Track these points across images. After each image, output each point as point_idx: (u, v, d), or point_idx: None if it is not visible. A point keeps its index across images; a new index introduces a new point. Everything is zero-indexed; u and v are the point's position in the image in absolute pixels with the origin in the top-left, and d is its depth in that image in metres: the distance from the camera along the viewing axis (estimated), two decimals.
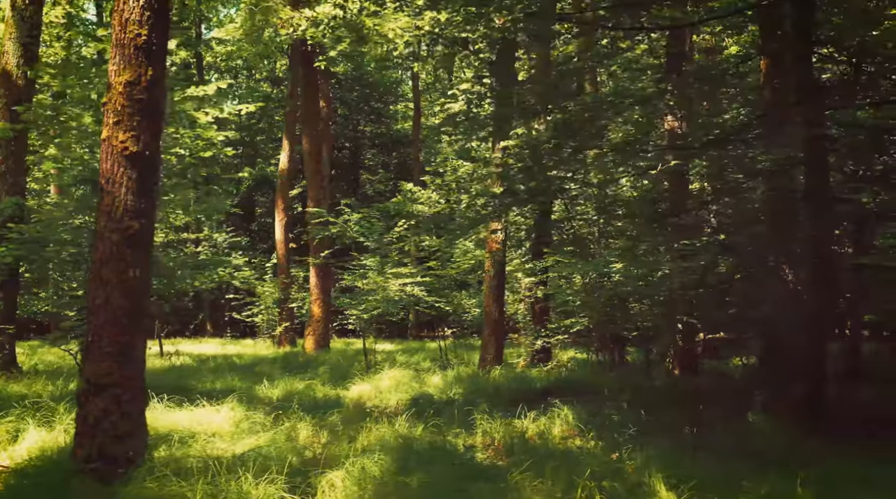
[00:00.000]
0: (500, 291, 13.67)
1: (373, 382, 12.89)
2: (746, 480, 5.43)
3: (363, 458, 6.07)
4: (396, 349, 22.57)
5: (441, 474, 5.77)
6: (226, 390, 11.41)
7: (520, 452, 7.46)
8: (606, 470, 5.87)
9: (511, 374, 13.24)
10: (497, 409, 9.58)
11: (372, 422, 8.21)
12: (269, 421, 8.14)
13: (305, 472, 6.10)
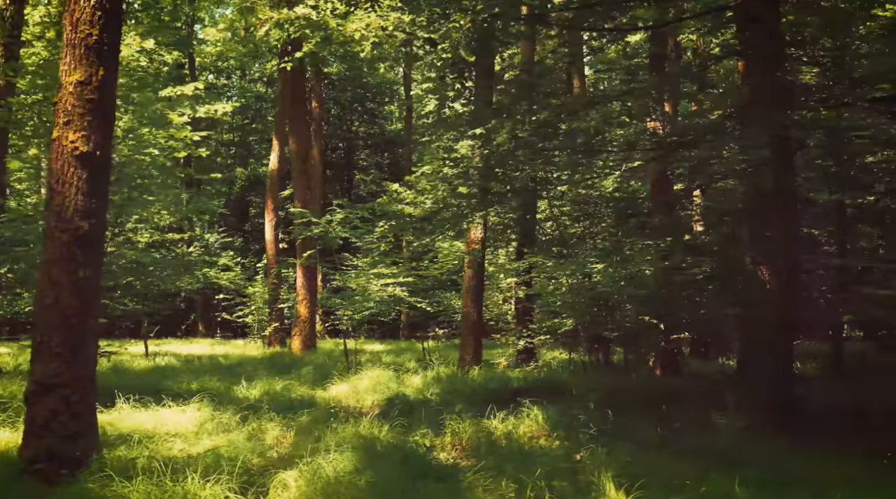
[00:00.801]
0: (478, 291, 13.68)
1: (352, 382, 12.89)
2: (690, 479, 5.44)
3: (318, 458, 6.08)
4: (385, 350, 22.60)
5: (394, 474, 5.78)
6: (202, 390, 11.40)
7: (485, 452, 7.48)
8: (560, 470, 5.87)
9: (490, 374, 13.26)
10: (471, 409, 9.62)
11: (338, 422, 8.21)
12: (236, 421, 8.16)
13: (261, 472, 6.12)
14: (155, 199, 15.34)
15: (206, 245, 31.72)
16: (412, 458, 6.75)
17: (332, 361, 17.83)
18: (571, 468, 5.98)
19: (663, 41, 15.37)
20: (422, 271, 15.45)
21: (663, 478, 5.62)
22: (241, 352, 21.70)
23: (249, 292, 26.15)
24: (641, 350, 13.94)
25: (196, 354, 20.28)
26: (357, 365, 15.47)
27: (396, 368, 14.14)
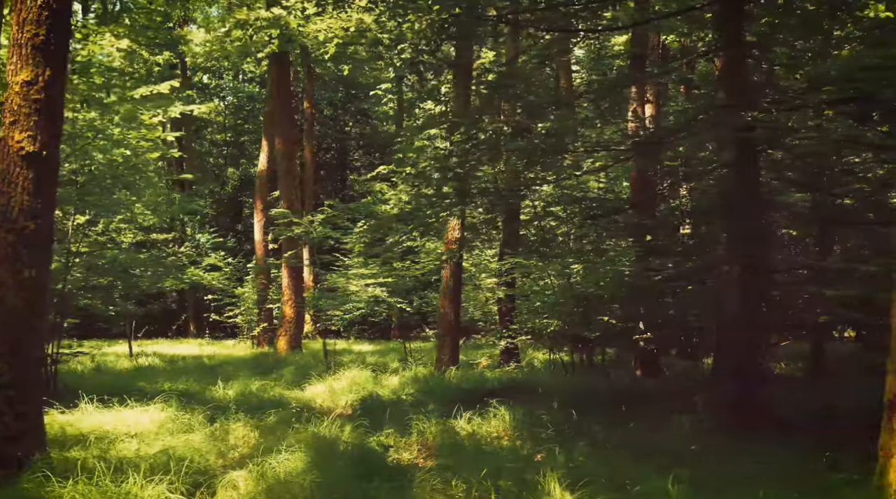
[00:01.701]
0: (456, 291, 13.68)
1: (329, 383, 12.90)
2: (632, 478, 5.46)
3: (269, 458, 6.09)
4: (373, 350, 22.62)
5: (343, 474, 5.79)
6: (176, 391, 11.43)
7: (447, 452, 7.49)
8: (509, 470, 5.88)
9: (466, 375, 13.27)
10: (443, 409, 9.62)
11: (302, 423, 8.21)
12: (201, 422, 8.16)
13: (214, 472, 6.13)
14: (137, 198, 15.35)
15: (198, 245, 31.75)
16: (369, 458, 6.76)
17: (315, 361, 17.83)
18: (520, 468, 5.98)
19: (644, 42, 15.38)
20: (402, 272, 15.44)
21: (608, 478, 5.63)
22: (229, 352, 21.73)
23: (238, 293, 26.17)
24: (618, 351, 13.93)
25: (182, 354, 20.30)
26: (338, 366, 15.46)
27: (375, 368, 14.15)
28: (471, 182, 10.95)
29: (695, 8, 9.11)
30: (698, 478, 5.51)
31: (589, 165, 14.37)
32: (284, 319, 20.58)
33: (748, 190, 8.91)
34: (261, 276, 24.51)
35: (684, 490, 5.11)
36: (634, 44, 15.65)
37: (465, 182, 10.28)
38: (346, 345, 26.09)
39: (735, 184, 9.22)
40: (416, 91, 9.75)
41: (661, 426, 8.08)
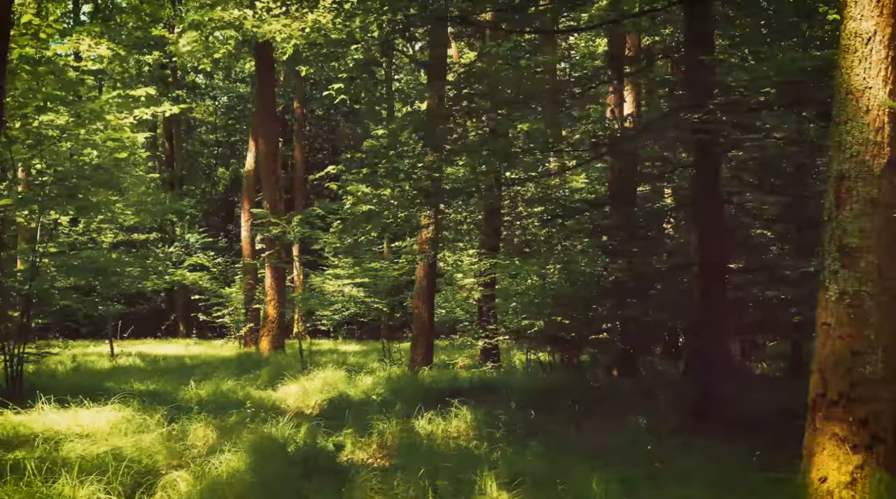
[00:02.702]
0: (430, 292, 13.71)
1: (303, 383, 12.91)
2: (567, 477, 5.49)
3: (215, 457, 6.11)
4: (358, 350, 22.67)
5: (283, 473, 5.81)
6: (145, 391, 11.47)
7: (403, 452, 7.52)
8: (447, 469, 5.91)
9: (440, 375, 13.30)
10: (410, 409, 9.63)
11: (259, 423, 8.23)
12: (158, 422, 8.17)
13: (158, 472, 6.16)
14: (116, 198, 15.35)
15: (187, 245, 31.75)
16: (317, 457, 6.78)
17: (296, 361, 17.84)
18: (463, 467, 6.00)
19: (621, 43, 15.41)
20: (381, 272, 15.46)
21: (547, 477, 5.66)
22: (215, 352, 21.77)
23: (226, 293, 26.18)
24: (594, 351, 13.96)
25: (166, 354, 20.34)
26: (316, 366, 15.48)
27: (350, 368, 14.18)
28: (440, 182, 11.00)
29: (656, 9, 9.13)
30: (632, 477, 5.55)
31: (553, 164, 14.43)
32: (267, 320, 20.60)
33: (709, 190, 8.94)
34: (248, 276, 24.52)
35: (611, 489, 5.14)
36: (611, 45, 15.71)
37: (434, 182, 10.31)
38: (332, 345, 26.15)
39: (696, 184, 9.26)
40: (368, 91, 9.74)
41: (616, 427, 8.12)
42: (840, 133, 5.04)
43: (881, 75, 4.91)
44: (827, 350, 4.94)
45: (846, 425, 4.77)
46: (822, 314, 5.00)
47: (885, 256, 4.87)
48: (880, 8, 4.92)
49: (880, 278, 4.86)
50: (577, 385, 12.37)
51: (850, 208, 4.93)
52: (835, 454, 4.77)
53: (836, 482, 4.73)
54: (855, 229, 4.89)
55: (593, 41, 21.86)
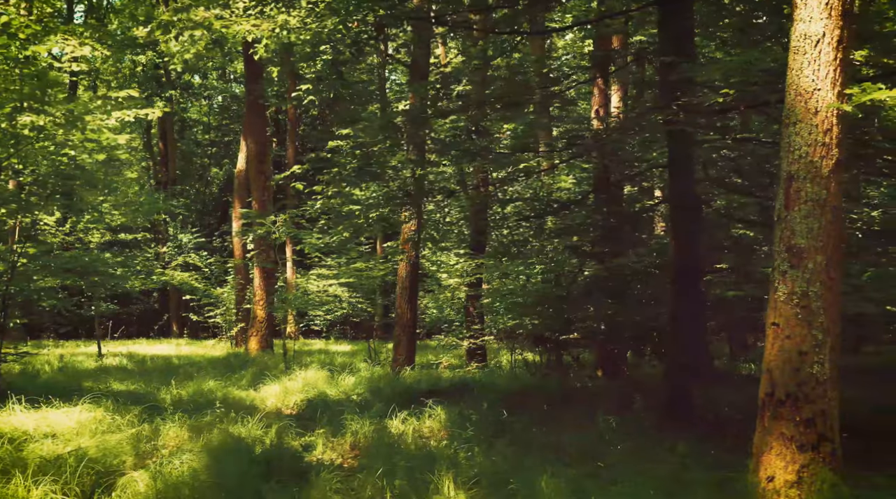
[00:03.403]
0: (412, 291, 13.73)
1: (285, 383, 12.93)
2: (516, 476, 5.52)
3: (176, 457, 6.14)
4: (348, 350, 22.65)
5: (242, 474, 5.84)
6: (124, 391, 11.49)
7: (372, 452, 7.55)
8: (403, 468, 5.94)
9: (421, 375, 13.33)
10: (388, 409, 9.65)
11: (231, 423, 8.25)
12: (130, 422, 8.19)
13: (120, 472, 6.18)
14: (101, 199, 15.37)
15: (180, 245, 31.78)
16: (281, 457, 6.83)
17: (282, 361, 17.90)
18: (426, 466, 6.03)
19: (607, 43, 15.44)
20: (365, 272, 15.50)
21: (502, 476, 5.69)
22: (205, 352, 21.79)
23: (217, 293, 26.23)
24: (577, 351, 14.00)
25: (155, 354, 20.35)
26: (301, 366, 15.50)
27: (332, 368, 14.20)
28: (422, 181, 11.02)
29: (631, 11, 9.16)
30: (579, 476, 5.58)
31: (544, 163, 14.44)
32: (256, 320, 20.63)
33: (682, 190, 8.96)
34: (239, 276, 24.55)
35: (559, 487, 5.17)
36: (597, 46, 15.73)
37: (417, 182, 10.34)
38: (323, 345, 26.17)
39: (670, 184, 9.28)
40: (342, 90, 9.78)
41: (586, 426, 8.15)
42: (790, 134, 5.06)
43: (830, 77, 4.93)
44: (775, 350, 4.97)
45: (793, 425, 4.80)
46: (772, 314, 5.03)
47: (832, 256, 4.90)
48: (829, 10, 4.94)
49: (828, 279, 4.88)
50: (556, 385, 12.42)
51: (799, 209, 4.95)
52: (782, 454, 4.80)
53: (783, 481, 4.75)
54: (803, 230, 4.92)
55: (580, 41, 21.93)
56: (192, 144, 38.97)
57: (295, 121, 34.17)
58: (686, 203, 8.71)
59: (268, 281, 20.65)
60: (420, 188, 12.73)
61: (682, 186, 8.82)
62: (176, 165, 36.75)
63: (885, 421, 7.47)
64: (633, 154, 9.47)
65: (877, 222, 7.03)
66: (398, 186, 10.02)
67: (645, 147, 11.40)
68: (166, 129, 36.19)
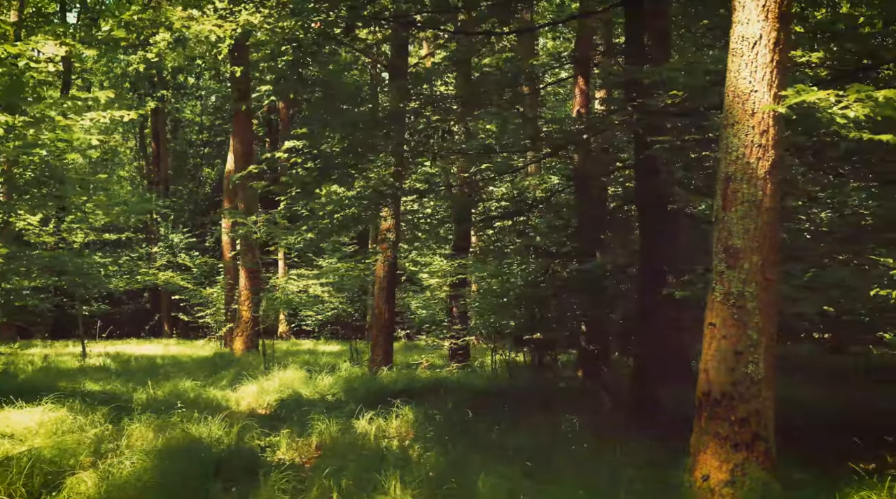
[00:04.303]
0: (390, 291, 13.76)
1: (262, 383, 12.96)
2: (460, 476, 5.56)
3: (124, 458, 6.18)
4: (336, 351, 22.69)
5: (192, 473, 5.87)
6: (98, 391, 11.53)
7: (332, 452, 7.58)
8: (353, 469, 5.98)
9: (398, 375, 13.35)
10: (360, 409, 9.68)
11: (192, 422, 8.28)
12: (95, 421, 8.21)
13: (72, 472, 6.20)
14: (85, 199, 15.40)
15: (171, 245, 31.80)
16: (239, 457, 6.86)
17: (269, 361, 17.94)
18: (369, 466, 6.06)
19: (586, 44, 15.47)
20: (346, 273, 15.53)
21: (449, 476, 5.72)
22: (193, 352, 21.84)
23: (206, 293, 26.24)
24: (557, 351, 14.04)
25: (142, 354, 20.38)
26: (282, 366, 15.54)
27: (311, 368, 14.23)
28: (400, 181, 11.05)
29: (596, 12, 9.19)
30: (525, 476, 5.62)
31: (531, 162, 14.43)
32: (241, 320, 20.66)
33: (648, 191, 8.99)
34: (228, 276, 24.57)
35: (497, 487, 5.21)
36: (578, 47, 15.77)
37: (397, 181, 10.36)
38: (312, 345, 26.21)
39: (637, 185, 9.31)
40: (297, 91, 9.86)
41: (549, 427, 8.17)
42: (728, 135, 5.09)
43: (766, 79, 4.96)
44: (712, 350, 4.99)
45: (728, 424, 4.82)
46: (709, 315, 5.06)
47: (768, 257, 4.92)
48: (766, 12, 4.97)
49: (763, 279, 4.91)
50: (533, 386, 12.46)
51: (736, 210, 4.98)
52: (717, 453, 4.83)
53: (717, 480, 4.78)
54: (739, 231, 4.95)
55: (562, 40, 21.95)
56: (185, 144, 38.97)
57: (287, 121, 34.16)
58: (650, 203, 8.74)
59: (253, 281, 20.66)
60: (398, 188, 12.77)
61: (648, 186, 8.84)
62: (168, 164, 36.79)
63: (824, 420, 7.54)
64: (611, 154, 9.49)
65: (824, 224, 7.05)
66: (372, 186, 10.04)
67: (618, 147, 11.44)
68: (159, 129, 36.23)
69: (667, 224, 8.68)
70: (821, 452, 6.53)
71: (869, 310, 5.97)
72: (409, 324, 25.49)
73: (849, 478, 4.96)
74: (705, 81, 5.86)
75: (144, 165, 38.46)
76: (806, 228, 7.40)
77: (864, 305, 5.79)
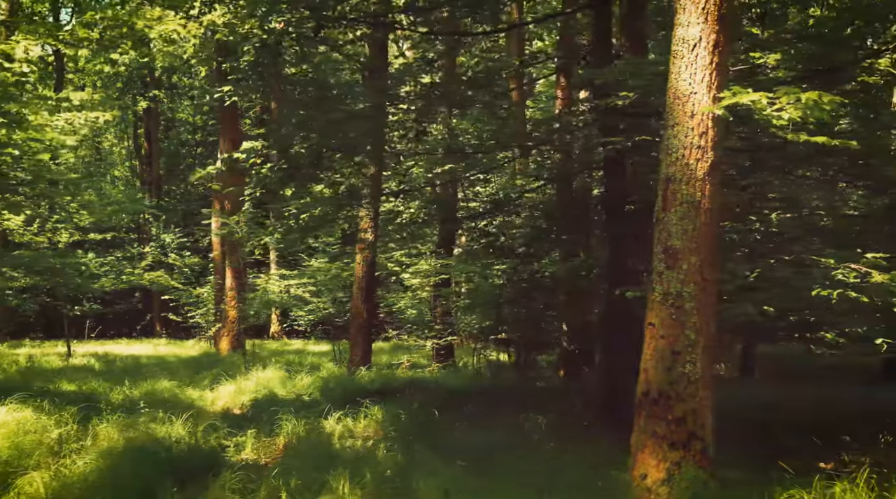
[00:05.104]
0: (369, 291, 13.81)
1: (240, 383, 12.99)
2: (405, 477, 5.60)
3: (80, 457, 6.21)
4: (324, 351, 22.72)
5: (138, 474, 5.90)
6: (74, 391, 11.57)
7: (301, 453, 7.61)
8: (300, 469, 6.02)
9: (376, 375, 13.37)
10: (334, 409, 9.71)
11: (158, 422, 8.31)
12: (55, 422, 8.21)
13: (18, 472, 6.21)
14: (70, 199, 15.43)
15: (163, 245, 31.79)
16: (198, 457, 6.90)
17: (251, 360, 17.97)
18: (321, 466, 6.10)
19: (569, 44, 15.48)
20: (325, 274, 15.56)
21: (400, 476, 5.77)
22: (181, 352, 21.88)
23: (197, 293, 26.27)
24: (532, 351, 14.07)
25: (129, 354, 20.41)
26: (264, 366, 15.56)
27: (290, 368, 14.26)
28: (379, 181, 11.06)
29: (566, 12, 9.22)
30: (470, 475, 5.66)
31: None
32: (227, 320, 20.70)
33: (616, 193, 9.02)
34: (217, 275, 24.61)
35: (432, 485, 5.25)
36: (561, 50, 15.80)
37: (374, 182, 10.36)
38: (302, 345, 26.24)
39: (606, 187, 9.35)
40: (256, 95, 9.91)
41: (514, 426, 8.21)
42: (668, 137, 5.12)
43: (706, 81, 4.99)
44: (651, 350, 5.03)
45: (665, 423, 4.86)
46: (649, 315, 5.09)
47: (706, 258, 4.96)
48: (705, 15, 5.00)
49: (701, 280, 4.95)
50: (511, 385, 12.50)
51: (675, 211, 5.01)
52: (654, 452, 4.87)
53: (654, 479, 4.82)
54: (678, 231, 4.98)
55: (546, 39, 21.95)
56: (178, 144, 38.99)
57: (280, 122, 34.14)
58: (616, 203, 8.77)
59: (238, 281, 20.71)
60: (378, 189, 12.82)
61: (614, 186, 8.88)
62: (161, 164, 36.82)
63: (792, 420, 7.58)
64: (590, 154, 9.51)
65: (773, 225, 7.08)
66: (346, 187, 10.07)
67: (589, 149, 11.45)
68: (151, 129, 36.26)
69: (631, 224, 8.70)
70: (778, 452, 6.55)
71: (814, 310, 6.00)
72: (398, 324, 25.53)
73: (781, 477, 4.98)
74: (649, 82, 5.88)
75: (138, 164, 38.49)
76: (757, 229, 7.43)
77: (806, 305, 5.81)
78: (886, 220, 7.07)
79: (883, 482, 4.84)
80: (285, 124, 9.62)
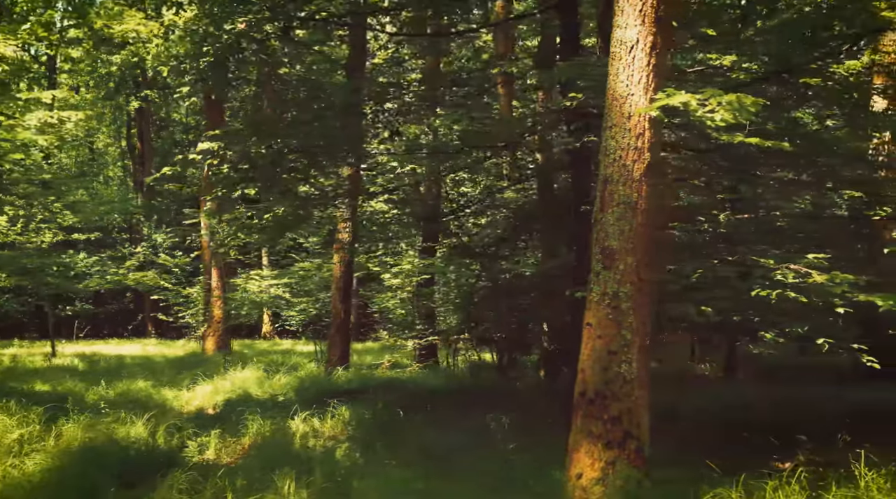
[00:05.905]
0: (347, 291, 13.84)
1: (217, 383, 13.01)
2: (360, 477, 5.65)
3: (27, 458, 6.24)
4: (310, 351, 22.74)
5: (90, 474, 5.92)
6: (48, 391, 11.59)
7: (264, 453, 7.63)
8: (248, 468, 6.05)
9: (353, 375, 13.40)
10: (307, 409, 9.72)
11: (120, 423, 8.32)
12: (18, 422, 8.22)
13: None
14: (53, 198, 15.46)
15: (155, 245, 31.80)
16: (154, 457, 6.92)
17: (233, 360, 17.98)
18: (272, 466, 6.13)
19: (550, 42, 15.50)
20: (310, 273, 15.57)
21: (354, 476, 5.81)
22: (170, 352, 21.91)
23: (187, 293, 26.29)
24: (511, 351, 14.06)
25: (115, 354, 20.44)
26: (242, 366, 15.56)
27: (268, 368, 14.28)
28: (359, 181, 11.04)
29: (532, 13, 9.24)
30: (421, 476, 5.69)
31: None
32: (213, 320, 20.74)
33: (582, 194, 9.03)
34: (206, 275, 24.63)
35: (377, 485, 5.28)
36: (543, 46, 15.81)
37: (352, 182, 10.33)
38: (291, 345, 26.25)
39: (573, 188, 9.37)
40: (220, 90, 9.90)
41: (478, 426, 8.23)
42: (606, 138, 5.15)
43: (642, 82, 5.01)
44: (588, 350, 5.05)
45: (601, 423, 4.88)
46: (587, 315, 5.12)
47: (642, 258, 4.98)
48: (643, 17, 5.02)
49: (638, 280, 4.97)
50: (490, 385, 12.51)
51: (612, 211, 5.04)
52: (590, 451, 4.88)
53: (589, 478, 4.84)
54: (615, 232, 5.00)
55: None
56: (171, 144, 39.00)
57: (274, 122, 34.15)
58: (581, 202, 8.78)
59: (223, 281, 20.74)
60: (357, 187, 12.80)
61: (580, 185, 8.90)
62: (153, 164, 36.83)
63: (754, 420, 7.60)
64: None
65: (722, 225, 7.11)
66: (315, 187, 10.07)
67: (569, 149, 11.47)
68: (143, 128, 36.27)
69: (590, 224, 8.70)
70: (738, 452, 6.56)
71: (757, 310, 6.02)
72: (385, 324, 25.56)
73: (710, 476, 5.01)
74: (597, 83, 5.89)
75: (131, 164, 38.50)
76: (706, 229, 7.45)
77: (748, 306, 5.83)
78: (835, 220, 7.09)
79: (818, 481, 4.87)
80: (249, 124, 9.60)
